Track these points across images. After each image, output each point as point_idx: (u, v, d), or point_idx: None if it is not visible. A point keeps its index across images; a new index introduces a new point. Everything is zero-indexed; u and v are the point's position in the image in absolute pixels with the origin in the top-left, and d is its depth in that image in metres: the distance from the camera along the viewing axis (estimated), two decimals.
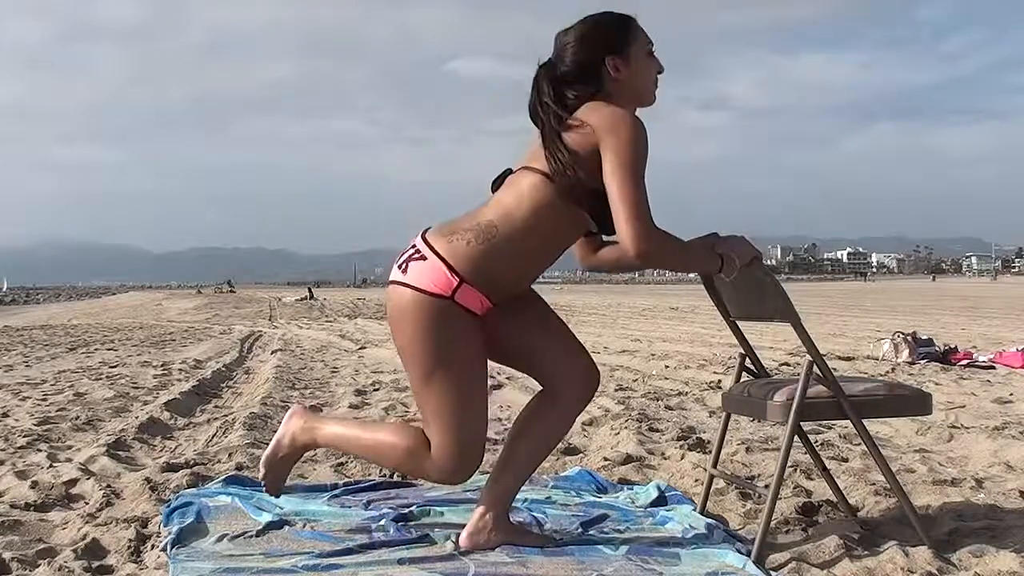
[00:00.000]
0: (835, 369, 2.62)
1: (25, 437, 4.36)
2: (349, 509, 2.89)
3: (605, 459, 3.74)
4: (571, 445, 4.12)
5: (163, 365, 8.52)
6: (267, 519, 2.69)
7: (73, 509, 3.04)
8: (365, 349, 10.55)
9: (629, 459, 3.72)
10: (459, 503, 2.89)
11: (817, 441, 3.93)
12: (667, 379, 6.98)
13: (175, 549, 2.45)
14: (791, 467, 3.36)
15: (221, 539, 2.52)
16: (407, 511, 2.81)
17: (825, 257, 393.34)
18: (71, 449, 4.15)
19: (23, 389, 6.59)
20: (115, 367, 8.43)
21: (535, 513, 2.81)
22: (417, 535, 2.57)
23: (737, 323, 2.87)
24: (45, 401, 5.88)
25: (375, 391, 6.37)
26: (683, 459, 3.70)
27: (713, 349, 9.56)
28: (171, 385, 6.80)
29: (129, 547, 2.53)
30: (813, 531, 2.69)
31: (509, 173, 2.41)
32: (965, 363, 7.51)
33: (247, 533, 2.57)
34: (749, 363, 2.85)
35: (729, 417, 2.93)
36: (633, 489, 3.21)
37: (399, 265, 2.38)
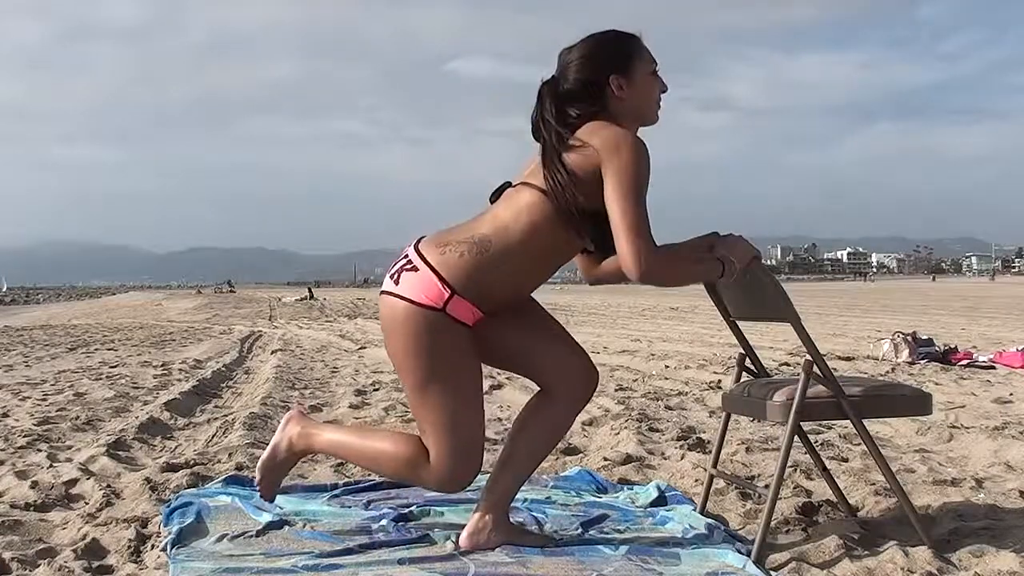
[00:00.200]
0: (835, 369, 2.62)
1: (25, 437, 4.36)
2: (349, 509, 2.90)
3: (605, 459, 3.74)
4: (571, 445, 4.11)
5: (163, 365, 8.52)
6: (267, 519, 2.69)
7: (73, 509, 3.04)
8: (365, 349, 10.55)
9: (629, 459, 3.72)
10: (459, 503, 2.89)
11: (817, 441, 3.93)
12: (667, 379, 6.98)
13: (175, 549, 2.45)
14: (791, 467, 3.35)
15: (221, 539, 2.52)
16: (407, 511, 2.81)
17: (825, 257, 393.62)
18: (71, 449, 4.15)
19: (23, 389, 6.60)
20: (115, 367, 8.43)
21: (535, 513, 2.82)
22: (417, 535, 2.57)
23: (737, 323, 2.87)
24: (45, 401, 5.89)
25: (375, 391, 6.36)
26: (683, 459, 3.70)
27: (713, 349, 9.56)
28: (171, 385, 6.80)
29: (129, 547, 2.53)
30: (813, 531, 2.69)
31: (508, 186, 2.41)
32: (965, 363, 7.51)
33: (247, 533, 2.57)
34: (749, 363, 2.85)
35: (729, 417, 2.93)
36: (633, 489, 3.21)
37: (391, 275, 2.38)
